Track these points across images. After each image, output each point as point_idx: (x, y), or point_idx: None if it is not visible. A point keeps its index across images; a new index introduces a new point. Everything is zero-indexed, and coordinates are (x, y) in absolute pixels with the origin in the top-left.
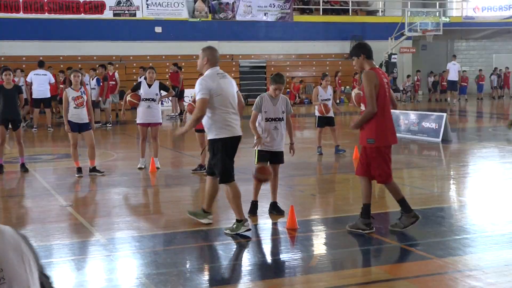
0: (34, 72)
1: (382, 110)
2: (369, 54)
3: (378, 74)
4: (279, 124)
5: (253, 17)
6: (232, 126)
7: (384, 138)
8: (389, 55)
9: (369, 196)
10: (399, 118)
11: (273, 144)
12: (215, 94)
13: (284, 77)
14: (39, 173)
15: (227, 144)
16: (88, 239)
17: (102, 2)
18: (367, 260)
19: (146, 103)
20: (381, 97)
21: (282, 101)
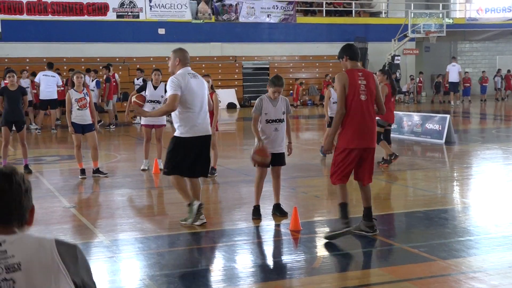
0: (43, 73)
1: (352, 111)
2: (352, 55)
3: (352, 75)
4: (280, 125)
5: (256, 18)
6: (196, 126)
7: (346, 140)
8: (392, 57)
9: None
10: (402, 120)
11: (274, 146)
12: (184, 92)
13: (283, 79)
14: (42, 175)
15: (187, 143)
16: (91, 241)
17: (106, 3)
18: (370, 262)
19: (151, 105)
20: (349, 99)
21: (282, 101)
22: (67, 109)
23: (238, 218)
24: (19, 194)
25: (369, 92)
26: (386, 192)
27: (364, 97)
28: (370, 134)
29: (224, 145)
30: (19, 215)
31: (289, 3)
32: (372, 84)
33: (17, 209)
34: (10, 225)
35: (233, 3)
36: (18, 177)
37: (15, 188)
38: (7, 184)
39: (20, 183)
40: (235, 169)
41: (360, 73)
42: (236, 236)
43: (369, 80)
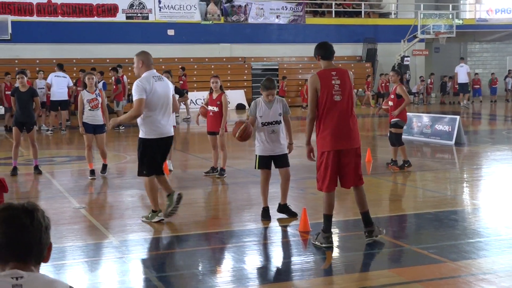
0: (54, 74)
1: (325, 113)
2: (324, 54)
3: (324, 76)
4: (277, 127)
5: (265, 19)
6: (160, 128)
7: (324, 143)
8: (401, 58)
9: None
10: (412, 121)
11: (273, 148)
12: (149, 96)
13: (275, 82)
14: (53, 175)
15: (153, 144)
16: (101, 241)
17: (115, 5)
18: (380, 263)
19: None
20: (323, 101)
21: (278, 103)
22: (79, 110)
23: (247, 219)
24: (39, 231)
25: (345, 91)
26: (395, 193)
27: (339, 98)
28: (348, 135)
29: (233, 145)
30: (37, 252)
31: (298, 4)
32: (348, 82)
33: (36, 246)
34: (28, 262)
35: (242, 4)
36: (39, 214)
37: (36, 225)
38: (29, 221)
39: (41, 220)
40: (244, 170)
41: (333, 72)
42: (245, 237)
43: (344, 79)
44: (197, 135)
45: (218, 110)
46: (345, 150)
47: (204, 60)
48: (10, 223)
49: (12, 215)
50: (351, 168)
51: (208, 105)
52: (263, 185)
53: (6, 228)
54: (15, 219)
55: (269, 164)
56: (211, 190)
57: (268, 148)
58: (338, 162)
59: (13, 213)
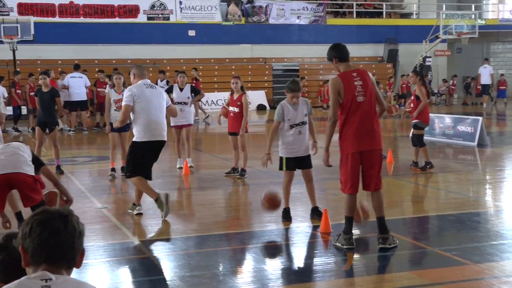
0: (71, 75)
1: (349, 115)
2: (341, 56)
3: (346, 78)
4: (303, 128)
5: (286, 20)
6: (151, 131)
7: (347, 145)
8: (423, 58)
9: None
10: (434, 122)
11: (299, 149)
12: (138, 101)
13: (300, 84)
14: (74, 175)
15: (144, 147)
16: (122, 241)
17: (136, 6)
18: (401, 265)
19: (178, 106)
20: (347, 103)
21: (303, 104)
22: (106, 109)
23: (267, 219)
24: (72, 236)
25: (367, 92)
26: (417, 195)
27: (362, 98)
28: (372, 136)
29: (254, 146)
30: (70, 257)
31: (319, 5)
32: (369, 82)
33: (69, 251)
34: (60, 266)
35: (263, 5)
36: (74, 220)
37: (69, 230)
38: (63, 225)
39: (75, 225)
40: (264, 171)
41: (354, 73)
42: (266, 238)
43: (365, 79)
44: (217, 136)
45: (239, 110)
46: (368, 151)
47: (225, 60)
48: (44, 227)
49: (47, 219)
50: (375, 170)
51: (229, 106)
52: (285, 186)
53: (40, 231)
54: (50, 223)
55: (294, 165)
56: (231, 190)
57: (294, 150)
58: (361, 163)
59: (48, 217)
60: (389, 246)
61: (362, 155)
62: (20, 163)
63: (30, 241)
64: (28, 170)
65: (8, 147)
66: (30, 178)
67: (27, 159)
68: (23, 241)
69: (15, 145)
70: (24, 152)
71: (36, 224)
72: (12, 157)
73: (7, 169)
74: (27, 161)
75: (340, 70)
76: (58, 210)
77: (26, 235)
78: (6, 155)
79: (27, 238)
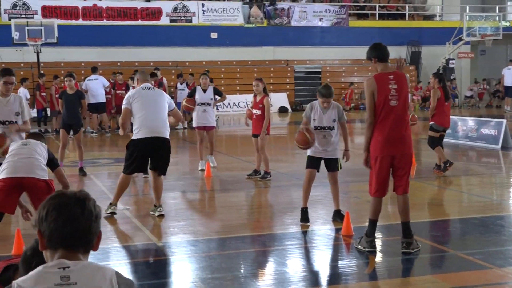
0: (88, 78)
1: (381, 118)
2: (381, 56)
3: (381, 80)
4: (329, 133)
5: (308, 22)
6: (146, 128)
7: (378, 148)
8: (446, 60)
9: (375, 211)
10: (457, 124)
11: (324, 152)
12: (134, 102)
13: (332, 89)
14: (97, 177)
15: (138, 144)
16: (144, 242)
17: (159, 8)
18: (423, 268)
19: (201, 107)
20: (379, 105)
21: (333, 109)
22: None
23: (289, 222)
24: (89, 220)
25: (401, 96)
26: (440, 198)
27: (395, 102)
28: (403, 141)
29: (276, 148)
30: (86, 241)
31: (341, 7)
32: (405, 86)
33: (86, 235)
34: (77, 251)
35: (285, 7)
36: (91, 203)
37: (86, 214)
38: (80, 210)
39: (92, 209)
40: (286, 173)
41: (390, 76)
42: (287, 240)
43: (401, 83)
44: (239, 138)
45: (261, 113)
46: (399, 155)
47: (247, 63)
48: (61, 211)
49: (63, 203)
50: (405, 174)
51: (253, 108)
52: (305, 185)
53: (57, 215)
54: (67, 207)
55: (316, 165)
56: (253, 192)
57: (318, 150)
58: (391, 167)
59: (64, 201)
60: (412, 251)
61: (393, 159)
62: (34, 167)
63: (46, 225)
64: (41, 174)
65: (25, 148)
66: (42, 183)
67: (41, 163)
68: (40, 225)
69: (32, 145)
70: (39, 155)
71: (52, 208)
72: (27, 160)
73: (19, 172)
74: (40, 165)
75: (378, 70)
76: (75, 193)
77: (43, 219)
78: (21, 157)
79: (43, 222)
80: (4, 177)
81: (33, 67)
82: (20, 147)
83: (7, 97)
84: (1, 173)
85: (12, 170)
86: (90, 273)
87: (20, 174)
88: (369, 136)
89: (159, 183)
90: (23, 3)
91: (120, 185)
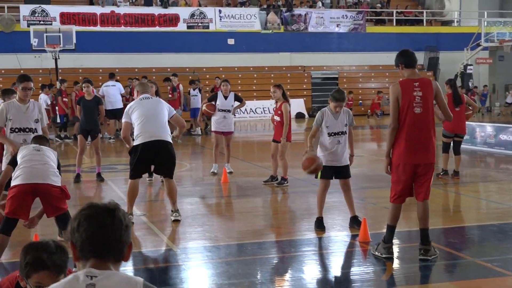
0: (105, 84)
1: (405, 125)
2: (408, 62)
3: (406, 87)
4: (342, 138)
5: (325, 28)
6: (146, 134)
7: (401, 156)
8: (464, 66)
9: (394, 217)
10: (475, 131)
11: (337, 159)
12: (133, 113)
13: (345, 94)
14: (114, 183)
15: (138, 149)
16: (161, 248)
17: (176, 15)
18: (441, 275)
19: (222, 113)
20: (403, 112)
21: (344, 114)
22: None
23: (306, 228)
24: (119, 230)
25: (426, 104)
26: (458, 204)
27: (419, 110)
28: (427, 149)
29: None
30: (117, 250)
31: (358, 13)
32: (430, 94)
33: (116, 244)
34: (107, 260)
35: (302, 13)
36: (121, 213)
37: (116, 224)
38: (110, 219)
39: (122, 219)
40: (304, 179)
41: (416, 83)
42: (305, 246)
43: (426, 91)
44: (256, 144)
45: (280, 119)
46: (422, 165)
47: (264, 69)
48: (92, 221)
49: (94, 213)
50: (427, 181)
51: (274, 114)
52: (320, 195)
53: (88, 225)
54: (97, 217)
55: (330, 174)
56: (270, 198)
57: (331, 159)
58: (414, 175)
59: (95, 212)
60: (430, 258)
61: (416, 167)
62: (49, 173)
63: (78, 235)
64: (55, 180)
65: (38, 154)
66: (56, 189)
67: (55, 169)
68: (72, 236)
69: (44, 151)
70: (52, 161)
71: (83, 219)
72: (42, 166)
73: (34, 179)
74: (54, 171)
75: (405, 76)
76: (105, 204)
77: (74, 230)
78: (36, 163)
79: (75, 233)
80: (19, 183)
81: (51, 73)
82: (33, 153)
83: (26, 103)
84: (15, 179)
85: (27, 176)
86: (117, 282)
87: (35, 180)
88: (391, 142)
89: (171, 187)
90: (42, 10)
91: (130, 192)
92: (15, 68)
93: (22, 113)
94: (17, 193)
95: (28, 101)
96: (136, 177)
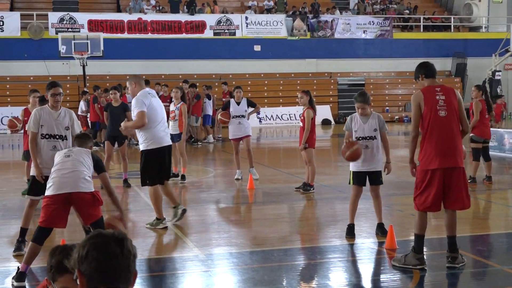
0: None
1: (430, 129)
2: (428, 73)
3: (428, 92)
4: (371, 143)
5: (351, 34)
6: (159, 138)
7: (428, 161)
8: (492, 72)
9: (422, 226)
10: (503, 137)
11: (367, 164)
12: (148, 110)
13: (367, 95)
14: (141, 189)
15: (154, 154)
16: (187, 254)
17: (203, 21)
18: (469, 283)
19: (236, 120)
20: (427, 116)
21: (374, 118)
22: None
23: (332, 235)
24: (128, 259)
25: (450, 108)
26: (486, 212)
27: (444, 113)
28: (454, 152)
29: (319, 161)
30: (125, 279)
31: (385, 19)
32: (454, 98)
33: (125, 274)
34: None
35: (328, 20)
36: (129, 243)
37: (125, 253)
38: (119, 249)
39: (130, 249)
40: (329, 186)
41: (438, 88)
42: (331, 253)
43: (449, 95)
44: (282, 150)
45: (303, 125)
46: (450, 169)
47: (290, 75)
48: (101, 250)
49: (103, 243)
50: (460, 188)
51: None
52: (353, 201)
53: (97, 255)
54: (106, 246)
55: (363, 180)
56: (296, 205)
57: (361, 164)
58: (443, 181)
59: (104, 241)
60: (457, 265)
61: (445, 173)
62: (78, 181)
63: (87, 264)
64: (85, 186)
65: (68, 161)
66: (88, 195)
67: (86, 175)
68: (80, 264)
69: (75, 155)
70: (83, 164)
71: (92, 248)
72: (71, 174)
73: (65, 188)
74: (85, 177)
75: (425, 86)
76: (113, 233)
77: (83, 259)
78: (65, 172)
79: (83, 261)
80: (51, 194)
81: (79, 80)
82: (63, 160)
83: (57, 110)
84: (48, 190)
85: (58, 187)
86: None
87: (65, 190)
88: (413, 148)
89: (170, 191)
90: (70, 17)
91: (154, 198)
92: (43, 74)
93: (53, 120)
94: (51, 203)
95: (60, 107)
96: (155, 183)
